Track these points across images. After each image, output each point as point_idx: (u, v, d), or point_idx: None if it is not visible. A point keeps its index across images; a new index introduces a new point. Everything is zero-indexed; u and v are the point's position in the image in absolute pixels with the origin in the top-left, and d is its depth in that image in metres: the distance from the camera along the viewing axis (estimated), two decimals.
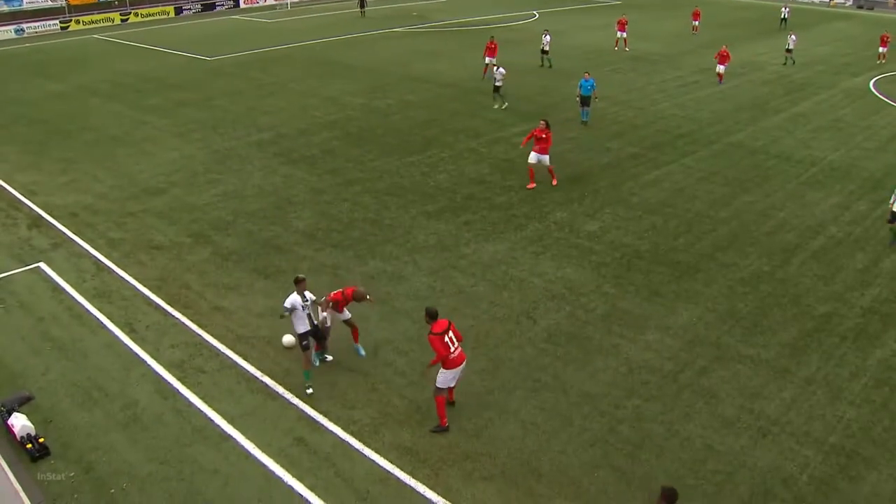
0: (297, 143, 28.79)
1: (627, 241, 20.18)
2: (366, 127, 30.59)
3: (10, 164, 27.44)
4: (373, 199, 23.16)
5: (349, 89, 36.61)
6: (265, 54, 47.16)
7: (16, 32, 62.95)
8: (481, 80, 37.38)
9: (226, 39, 54.02)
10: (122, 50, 52.01)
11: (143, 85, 39.65)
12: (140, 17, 69.65)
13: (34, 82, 41.64)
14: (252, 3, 76.60)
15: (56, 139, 30.26)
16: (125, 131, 30.99)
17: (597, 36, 50.94)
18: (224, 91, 37.24)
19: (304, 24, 61.51)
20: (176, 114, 33.65)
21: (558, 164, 25.66)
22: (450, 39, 50.93)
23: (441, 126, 30.51)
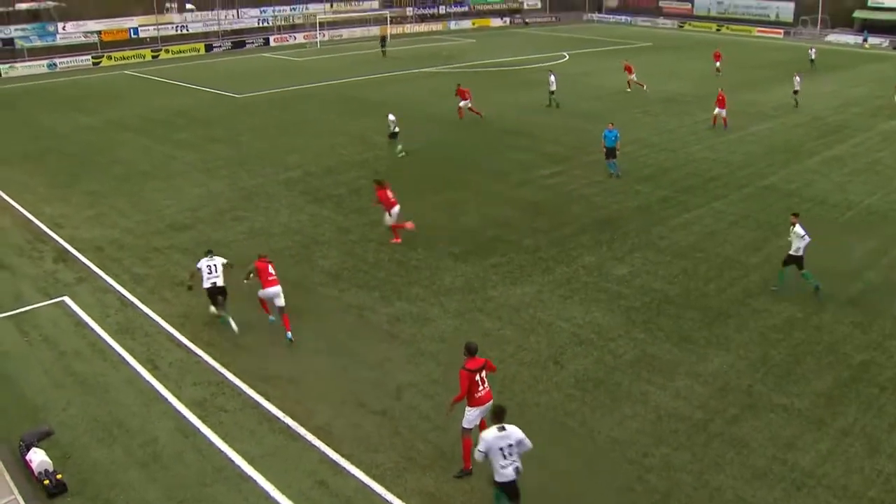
0: (324, 181, 29.00)
1: (657, 285, 20.03)
2: (393, 166, 30.76)
3: (39, 197, 27.86)
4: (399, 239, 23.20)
5: (377, 128, 36.86)
6: (294, 92, 47.76)
7: (48, 67, 64.28)
8: (487, 120, 37.56)
9: (255, 77, 54.79)
10: (152, 86, 52.88)
11: (172, 120, 40.25)
12: (171, 54, 70.86)
13: (66, 116, 42.39)
14: (282, 41, 77.75)
15: (85, 172, 30.71)
16: (153, 166, 31.42)
17: (626, 78, 51.09)
18: (252, 128, 37.70)
19: (333, 62, 62.28)
20: (204, 150, 34.08)
21: (587, 207, 25.64)
22: (479, 80, 51.28)
23: (469, 167, 30.63)
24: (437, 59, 62.56)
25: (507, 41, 75.29)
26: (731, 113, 37.19)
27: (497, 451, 10.87)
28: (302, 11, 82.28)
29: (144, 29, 72.38)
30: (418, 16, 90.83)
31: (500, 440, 10.88)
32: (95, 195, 27.91)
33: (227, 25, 77.91)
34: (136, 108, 43.93)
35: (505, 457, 10.88)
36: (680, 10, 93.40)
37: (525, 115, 39.66)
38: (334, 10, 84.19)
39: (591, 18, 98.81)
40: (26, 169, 32.04)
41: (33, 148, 35.40)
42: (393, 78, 53.34)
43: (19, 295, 19.97)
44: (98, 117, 41.97)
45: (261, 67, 61.18)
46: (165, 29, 73.56)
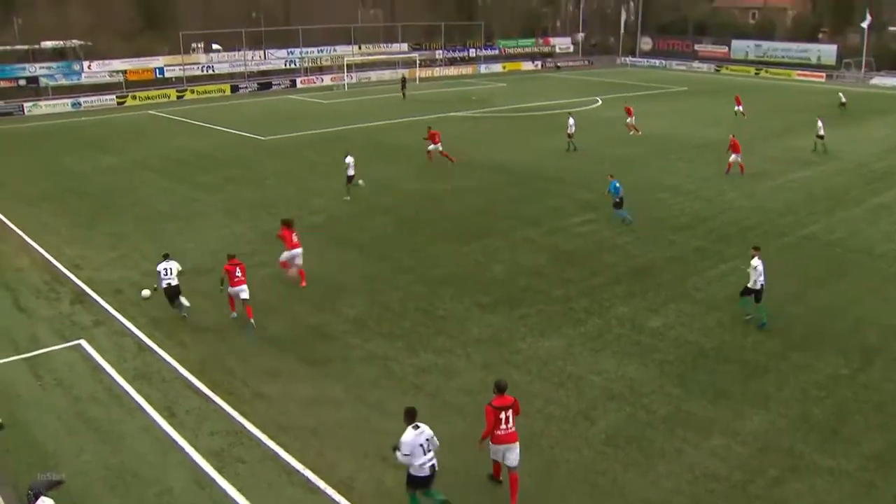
0: (349, 227, 29.16)
1: (692, 338, 19.83)
2: (421, 213, 30.91)
3: (60, 238, 28.23)
4: (426, 288, 23.21)
5: (405, 173, 37.17)
6: (320, 135, 48.29)
7: (73, 106, 65.57)
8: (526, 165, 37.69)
9: (280, 119, 55.50)
10: (176, 126, 53.70)
11: (196, 161, 40.80)
12: (196, 94, 72.06)
13: (88, 155, 43.08)
14: (309, 83, 78.83)
15: (107, 213, 31.12)
16: (175, 207, 31.79)
17: (662, 123, 51.24)
18: (277, 171, 38.11)
19: (360, 105, 63.00)
20: (227, 192, 34.45)
21: (620, 257, 25.55)
22: (510, 125, 51.68)
23: (498, 213, 30.69)
24: (467, 102, 63.11)
25: (538, 85, 75.86)
26: (770, 159, 37.12)
27: (418, 447, 12.27)
28: (329, 53, 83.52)
29: (170, 69, 73.76)
30: (447, 59, 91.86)
31: (418, 437, 12.32)
32: (116, 236, 28.25)
33: (254, 66, 79.18)
34: (159, 149, 44.57)
35: (425, 452, 12.34)
36: (716, 54, 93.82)
37: (557, 161, 39.78)
38: (362, 52, 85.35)
39: (625, 62, 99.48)
40: (47, 209, 32.55)
41: (55, 187, 35.97)
42: (422, 122, 53.77)
43: (35, 337, 20.14)
44: (121, 157, 42.62)
45: (287, 109, 62.00)
46: (191, 69, 74.90)
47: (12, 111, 63.23)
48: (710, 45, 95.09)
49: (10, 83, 66.07)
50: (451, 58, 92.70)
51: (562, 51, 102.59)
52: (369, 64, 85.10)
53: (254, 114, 59.03)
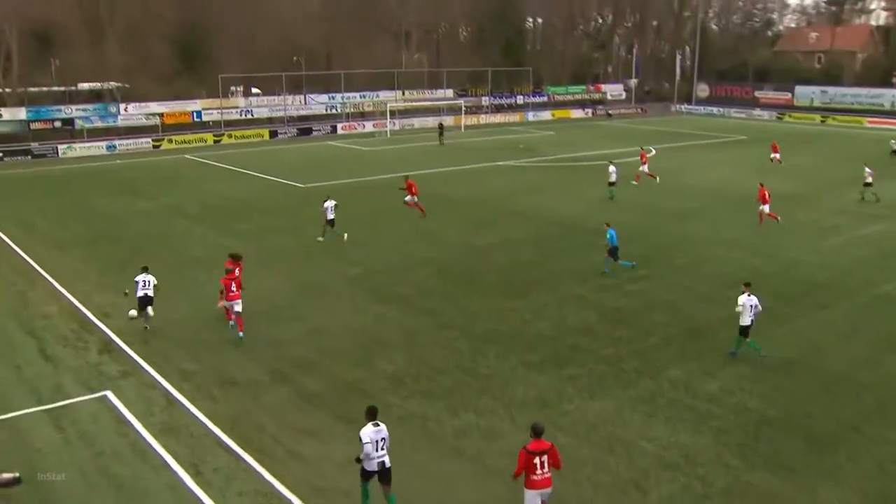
0: (390, 279, 29.19)
1: (753, 404, 19.38)
2: (465, 266, 30.87)
3: (90, 284, 28.58)
4: (469, 345, 23.06)
5: (449, 224, 37.23)
6: (361, 183, 48.69)
7: (108, 148, 67.03)
8: (582, 219, 37.53)
9: (320, 166, 56.14)
10: (212, 171, 54.53)
11: (231, 208, 41.28)
12: (233, 139, 73.28)
13: (122, 199, 43.79)
14: (350, 129, 79.81)
15: (138, 259, 31.38)
16: (209, 255, 32.04)
17: (719, 174, 50.94)
18: (316, 220, 38.33)
19: (403, 153, 63.55)
20: (263, 240, 34.74)
21: (673, 315, 25.19)
22: (559, 174, 51.71)
23: (546, 267, 30.55)
24: (514, 151, 63.36)
25: (588, 134, 76.08)
26: (837, 212, 36.64)
27: (375, 443, 14.15)
28: (372, 98, 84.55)
29: (208, 112, 75.18)
30: (494, 106, 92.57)
31: (377, 434, 14.24)
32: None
33: (294, 111, 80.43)
34: (194, 194, 45.20)
35: (378, 449, 14.23)
36: (778, 101, 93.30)
37: (607, 213, 39.46)
38: (406, 97, 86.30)
39: (680, 110, 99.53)
40: (78, 254, 33.05)
41: (87, 232, 36.56)
42: (467, 171, 54.06)
43: (60, 387, 20.28)
44: (155, 202, 43.29)
45: (327, 156, 62.72)
46: (229, 113, 76.27)
47: (46, 153, 64.84)
48: (772, 91, 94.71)
49: (45, 125, 67.80)
50: (498, 104, 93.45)
51: (613, 98, 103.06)
52: (413, 110, 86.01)
53: (293, 160, 59.77)
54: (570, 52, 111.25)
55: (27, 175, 55.89)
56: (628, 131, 78.87)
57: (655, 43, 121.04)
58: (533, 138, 73.12)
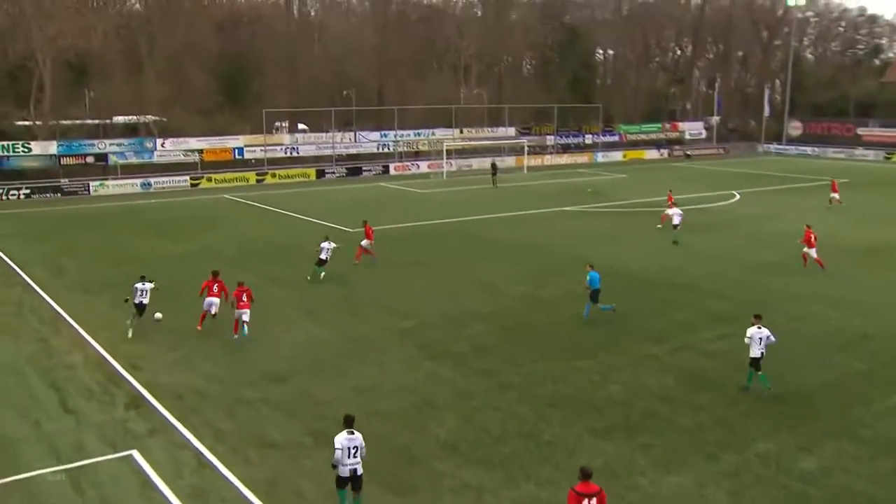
0: (444, 334, 29.02)
1: (859, 486, 18.73)
2: (527, 321, 30.59)
3: (119, 332, 28.81)
4: (530, 409, 22.75)
5: (509, 275, 37.03)
6: (414, 228, 48.80)
7: (142, 186, 68.28)
8: (662, 272, 37.10)
9: (370, 208, 56.41)
10: (254, 213, 55.11)
11: (273, 253, 41.59)
12: (277, 179, 74.21)
13: (156, 241, 44.39)
14: (403, 170, 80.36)
15: (171, 307, 31.69)
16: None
17: (814, 222, 50.04)
18: (365, 268, 38.43)
19: (459, 195, 63.70)
20: (307, 289, 34.86)
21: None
22: (631, 222, 51.34)
23: (616, 325, 30.13)
24: (581, 195, 63.17)
25: (664, 177, 75.66)
26: None
27: (347, 450, 16.18)
28: (427, 137, 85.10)
29: (250, 149, 76.30)
30: (560, 146, 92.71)
31: (350, 441, 16.24)
32: (180, 334, 28.69)
33: (343, 149, 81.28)
34: (233, 237, 45.65)
35: (350, 456, 16.21)
36: (885, 138, 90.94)
37: (685, 265, 39.14)
38: (464, 136, 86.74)
39: (768, 150, 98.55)
40: (107, 299, 33.42)
41: (117, 275, 36.97)
42: (530, 217, 53.97)
43: (81, 445, 20.33)
44: (190, 245, 43.78)
45: (378, 198, 63.10)
46: (273, 151, 77.32)
47: (77, 190, 66.27)
48: (878, 127, 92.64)
49: (77, 160, 69.33)
50: (564, 144, 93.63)
51: (692, 137, 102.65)
52: (471, 150, 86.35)
53: (341, 202, 60.23)
54: (644, 87, 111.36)
55: (56, 213, 57.09)
56: (709, 174, 78.31)
57: (740, 75, 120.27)
58: (602, 181, 72.90)
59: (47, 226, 51.94)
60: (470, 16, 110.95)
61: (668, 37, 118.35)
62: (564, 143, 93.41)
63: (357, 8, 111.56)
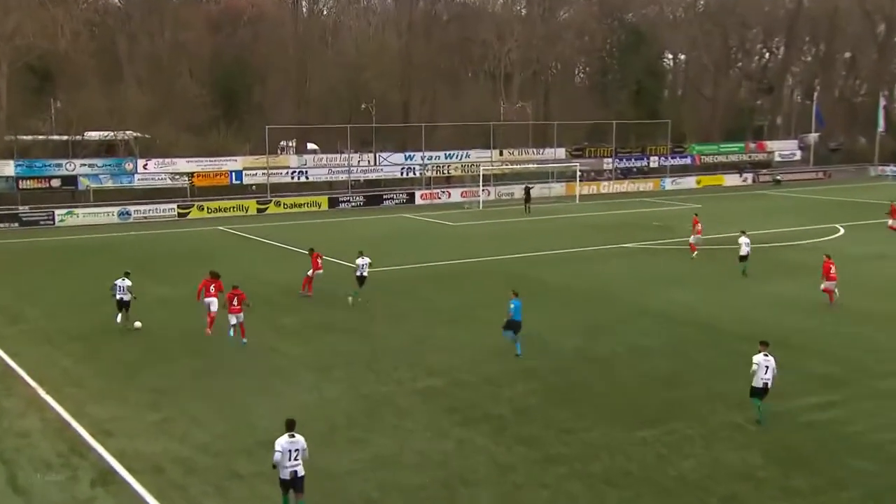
0: (478, 394, 28.78)
1: None
2: (578, 380, 30.31)
3: (86, 391, 28.69)
4: (584, 487, 22.56)
5: (558, 324, 36.81)
6: (444, 268, 48.73)
7: (120, 216, 68.57)
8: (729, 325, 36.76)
9: (393, 243, 56.53)
10: (254, 248, 55.29)
11: (278, 298, 41.67)
12: (283, 208, 74.54)
13: (136, 282, 44.12)
14: (431, 198, 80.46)
15: (152, 361, 31.72)
16: (247, 358, 32.21)
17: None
18: (385, 314, 38.39)
19: (498, 229, 63.69)
20: (317, 341, 34.80)
21: (879, 461, 24.02)
22: (706, 262, 50.91)
23: (687, 386, 29.75)
24: (645, 230, 62.91)
25: (747, 207, 75.41)
26: None
27: (287, 452, 19.29)
28: (461, 160, 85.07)
29: (250, 173, 76.69)
30: (620, 170, 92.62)
31: (291, 444, 19.40)
32: (163, 394, 28.55)
33: (361, 174, 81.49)
34: (229, 278, 45.16)
35: (291, 459, 19.30)
36: None
37: (778, 316, 38.71)
38: (504, 158, 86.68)
39: (883, 173, 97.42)
40: (73, 351, 33.42)
41: (85, 323, 37.04)
42: (583, 255, 53.81)
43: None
44: (178, 287, 43.86)
45: (402, 232, 63.16)
46: (278, 175, 77.72)
47: (39, 220, 66.35)
48: None
49: (40, 183, 69.34)
50: (625, 168, 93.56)
51: (784, 159, 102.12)
52: (513, 175, 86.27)
53: (358, 236, 60.14)
54: (723, 99, 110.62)
55: (13, 248, 57.52)
56: (805, 203, 77.91)
57: (847, 82, 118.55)
58: (671, 213, 72.60)
59: (1, 263, 52.19)
60: (512, 15, 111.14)
61: (755, 37, 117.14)
62: (625, 168, 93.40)
63: (377, 6, 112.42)
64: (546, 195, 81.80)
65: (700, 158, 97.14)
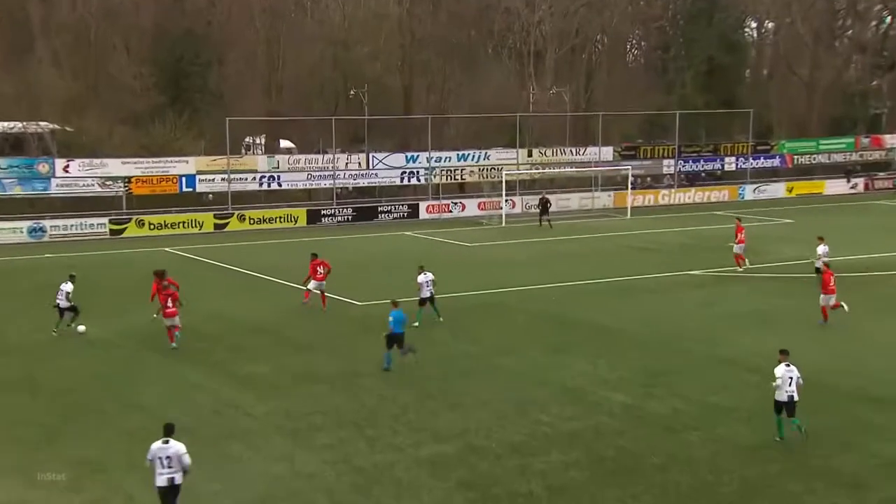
0: (501, 466, 28.65)
1: None
2: (632, 448, 30.16)
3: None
4: None
5: (604, 375, 36.74)
6: (457, 302, 48.75)
7: (31, 234, 68.32)
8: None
9: (390, 270, 56.73)
10: (211, 275, 55.49)
11: (239, 339, 41.74)
12: (248, 224, 74.65)
13: (51, 320, 44.25)
14: (440, 211, 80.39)
15: (76, 422, 31.62)
16: (198, 419, 32.05)
17: None
18: (380, 360, 38.31)
19: (527, 250, 63.79)
20: (293, 393, 34.81)
21: None
22: (799, 294, 50.68)
23: (776, 461, 29.50)
24: (717, 252, 62.85)
25: (856, 222, 75.40)
26: None
27: (158, 459, 22.53)
28: (478, 161, 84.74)
29: (206, 179, 76.50)
30: (684, 175, 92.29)
31: (161, 451, 22.57)
32: (89, 465, 28.38)
33: (349, 179, 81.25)
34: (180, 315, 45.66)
35: (162, 465, 22.53)
36: None
37: (893, 366, 38.61)
38: (534, 160, 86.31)
39: None
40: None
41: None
42: (635, 284, 53.84)
43: None
44: (108, 326, 43.89)
45: (402, 254, 63.20)
46: (242, 181, 77.65)
47: None
48: None
49: None
50: (691, 172, 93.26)
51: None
52: (545, 181, 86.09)
53: (345, 260, 60.23)
54: (825, 79, 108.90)
55: None
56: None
57: None
58: (754, 230, 72.36)
59: None
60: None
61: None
62: (691, 172, 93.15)
63: None
64: (587, 207, 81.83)
65: (792, 159, 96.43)
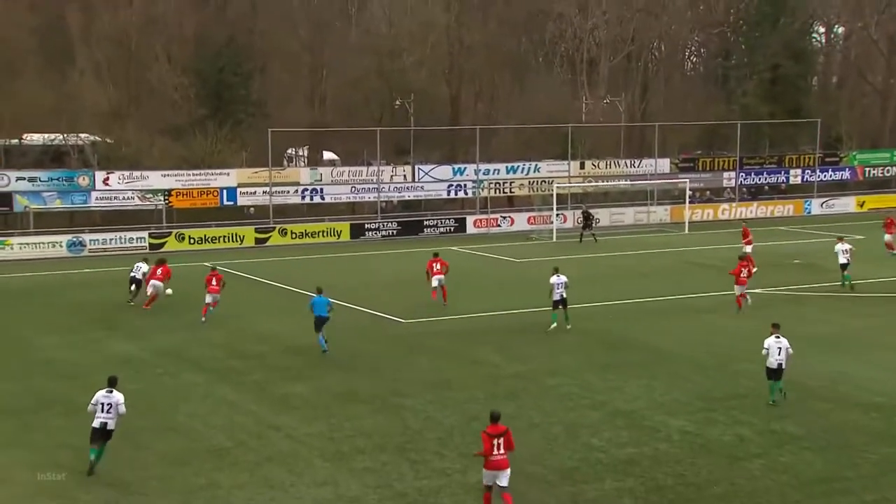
0: (552, 494, 28.38)
1: None
2: (692, 478, 29.79)
3: (14, 489, 27.84)
4: None
5: (661, 400, 36.42)
6: (504, 320, 48.58)
7: (70, 248, 68.51)
8: None
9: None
10: (251, 291, 55.41)
11: (280, 359, 41.60)
12: (289, 238, 74.64)
13: (89, 337, 44.44)
14: (488, 225, 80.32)
15: (110, 443, 31.44)
16: (238, 441, 31.96)
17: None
18: (424, 381, 38.21)
19: (578, 266, 63.54)
20: (335, 416, 34.59)
21: None
22: (878, 316, 50.03)
23: (853, 493, 29.02)
24: (783, 270, 62.43)
25: None
26: None
27: (100, 405, 28.40)
28: (528, 173, 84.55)
29: (247, 191, 76.52)
30: (746, 188, 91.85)
31: (106, 398, 28.42)
32: (125, 489, 28.31)
33: (394, 193, 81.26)
34: (217, 332, 45.69)
35: (102, 410, 28.31)
36: None
37: None
38: (587, 172, 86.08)
39: None
40: (4, 431, 33.10)
41: (15, 392, 36.81)
42: (695, 304, 53.45)
43: None
44: (146, 343, 43.83)
45: (449, 270, 62.83)
46: (284, 193, 77.67)
47: None
48: None
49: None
50: (754, 186, 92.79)
51: None
52: (599, 194, 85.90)
53: (389, 276, 60.10)
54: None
55: None
56: None
57: None
58: (817, 247, 71.89)
59: None
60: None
61: None
62: (754, 185, 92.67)
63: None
64: (643, 222, 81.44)
65: (864, 171, 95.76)
